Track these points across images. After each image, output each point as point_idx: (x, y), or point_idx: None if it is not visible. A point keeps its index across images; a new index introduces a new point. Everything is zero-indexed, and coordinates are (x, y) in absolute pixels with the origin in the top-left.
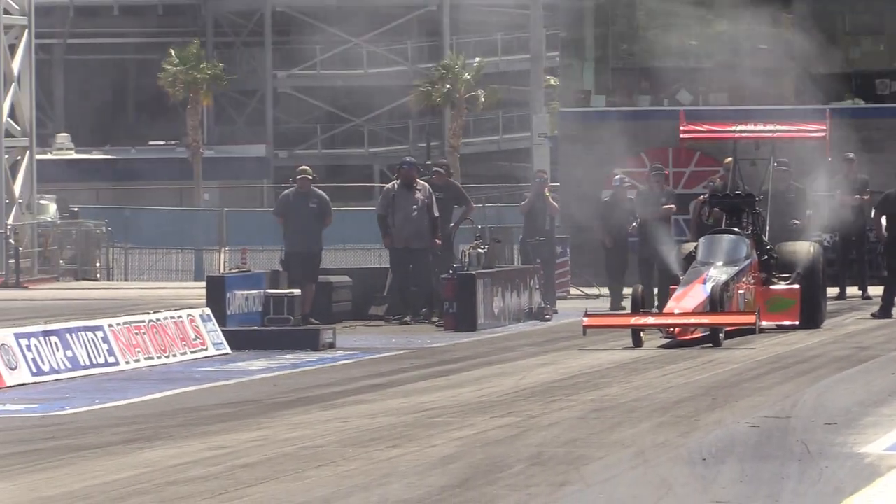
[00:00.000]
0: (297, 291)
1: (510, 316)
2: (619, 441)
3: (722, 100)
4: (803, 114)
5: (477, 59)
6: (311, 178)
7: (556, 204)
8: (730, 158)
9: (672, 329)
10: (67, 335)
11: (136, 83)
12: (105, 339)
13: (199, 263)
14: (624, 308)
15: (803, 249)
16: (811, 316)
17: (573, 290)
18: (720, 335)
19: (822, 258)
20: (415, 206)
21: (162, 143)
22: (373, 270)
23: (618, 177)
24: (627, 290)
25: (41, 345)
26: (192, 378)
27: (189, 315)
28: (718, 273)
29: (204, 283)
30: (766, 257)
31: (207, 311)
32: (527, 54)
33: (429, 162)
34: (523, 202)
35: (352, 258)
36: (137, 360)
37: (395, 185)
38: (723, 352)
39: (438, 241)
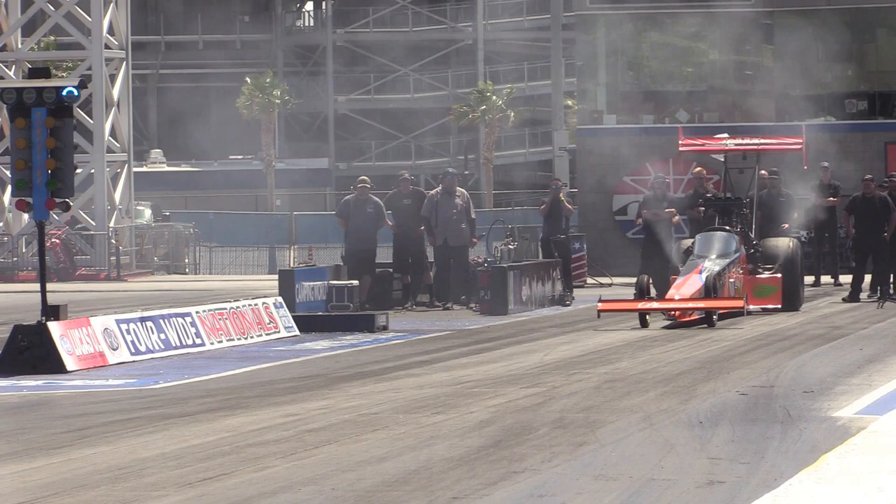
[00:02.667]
0: (355, 282)
1: (536, 302)
2: (628, 407)
3: (714, 118)
4: (783, 129)
5: (507, 85)
6: (368, 186)
7: (570, 206)
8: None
9: (673, 312)
10: (161, 320)
11: (218, 106)
12: (193, 324)
13: (272, 259)
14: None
15: (784, 244)
16: (791, 300)
17: (589, 280)
18: (714, 317)
19: (799, 251)
20: (454, 210)
21: (240, 157)
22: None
23: (656, 175)
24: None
25: (139, 329)
26: (266, 356)
27: (264, 303)
28: (712, 265)
29: (276, 276)
30: (752, 251)
31: (279, 299)
32: (549, 80)
33: (467, 172)
34: (542, 206)
35: None
36: (220, 342)
37: (438, 192)
38: (716, 331)
39: (475, 240)
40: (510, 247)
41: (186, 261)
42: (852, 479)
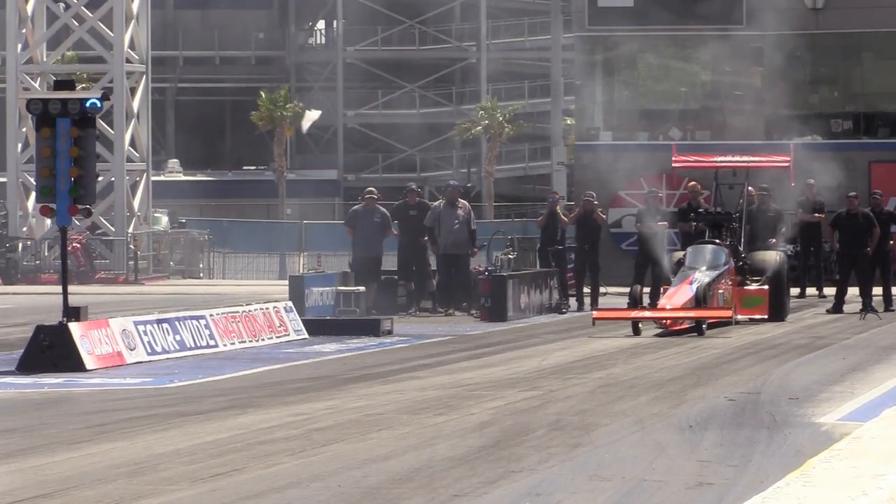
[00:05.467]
0: (362, 288)
1: (533, 309)
2: (621, 411)
3: (706, 136)
4: (771, 147)
5: (509, 102)
6: (375, 197)
7: (565, 219)
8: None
9: (665, 321)
10: (176, 322)
11: (232, 119)
12: (207, 326)
13: (283, 265)
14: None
15: (771, 257)
16: (777, 311)
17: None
18: (703, 326)
19: (786, 264)
20: (456, 221)
21: (253, 167)
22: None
23: (650, 189)
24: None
25: (155, 330)
26: (276, 358)
27: (275, 307)
28: (702, 276)
29: (287, 282)
30: (740, 263)
31: (290, 303)
32: (548, 98)
33: (469, 185)
34: (539, 218)
35: None
36: (233, 343)
37: (441, 204)
38: (706, 340)
39: (476, 249)
40: (510, 257)
41: (201, 266)
42: (837, 482)
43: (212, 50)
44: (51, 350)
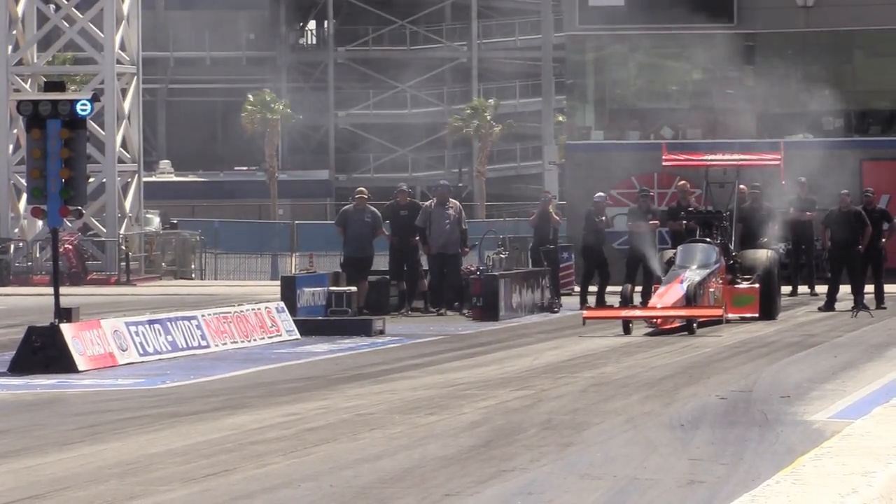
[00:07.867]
0: (353, 288)
1: (525, 309)
2: (613, 410)
3: (696, 134)
4: (762, 145)
5: (499, 101)
6: (366, 197)
7: (557, 218)
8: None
9: (656, 320)
10: (168, 323)
11: (223, 120)
12: (199, 327)
13: (275, 266)
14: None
15: (762, 256)
16: (768, 309)
17: (576, 288)
18: (694, 325)
19: (777, 262)
20: (447, 221)
21: (245, 168)
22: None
23: (641, 188)
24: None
25: (147, 331)
26: (268, 358)
27: (266, 307)
28: (693, 275)
29: (279, 282)
30: (731, 262)
31: (281, 304)
32: (539, 97)
33: (461, 184)
34: (532, 217)
35: None
36: (225, 344)
37: (432, 203)
38: (697, 338)
39: (467, 249)
40: (501, 256)
41: (193, 267)
42: (827, 480)
43: (203, 51)
44: (42, 351)
